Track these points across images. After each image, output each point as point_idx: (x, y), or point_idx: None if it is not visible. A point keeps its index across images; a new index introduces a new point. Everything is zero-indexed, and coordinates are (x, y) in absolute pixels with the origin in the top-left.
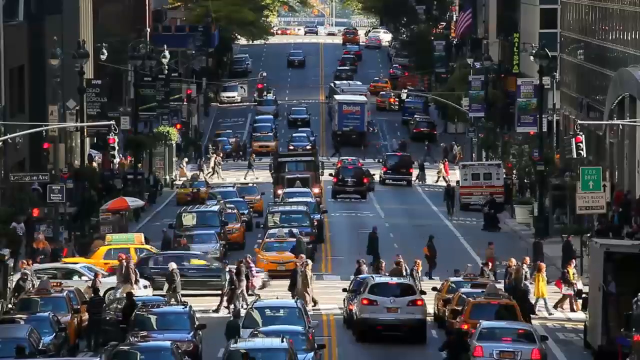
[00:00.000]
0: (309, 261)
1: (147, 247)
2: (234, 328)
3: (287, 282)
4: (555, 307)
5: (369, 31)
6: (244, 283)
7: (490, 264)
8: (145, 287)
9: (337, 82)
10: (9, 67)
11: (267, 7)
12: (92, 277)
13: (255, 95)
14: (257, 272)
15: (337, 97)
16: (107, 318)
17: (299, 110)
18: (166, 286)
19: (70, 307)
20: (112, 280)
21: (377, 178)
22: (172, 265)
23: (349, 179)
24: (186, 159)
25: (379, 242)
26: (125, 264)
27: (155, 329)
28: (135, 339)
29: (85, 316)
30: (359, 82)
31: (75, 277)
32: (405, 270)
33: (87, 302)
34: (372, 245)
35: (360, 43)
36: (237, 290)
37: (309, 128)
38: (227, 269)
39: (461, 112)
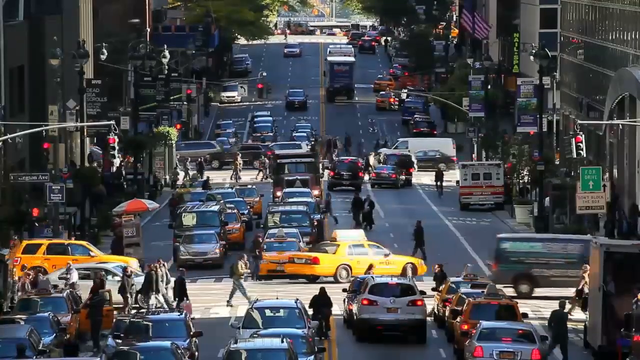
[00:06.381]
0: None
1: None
2: None
3: (287, 282)
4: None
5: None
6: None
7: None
8: None
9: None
10: (9, 67)
11: (267, 7)
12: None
13: (248, 126)
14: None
15: (329, 58)
16: None
17: (303, 127)
18: None
19: (70, 307)
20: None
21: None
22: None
23: (345, 173)
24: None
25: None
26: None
27: (150, 336)
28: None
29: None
30: (350, 45)
31: (109, 277)
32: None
33: (88, 303)
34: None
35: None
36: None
37: (309, 129)
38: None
39: (461, 112)
